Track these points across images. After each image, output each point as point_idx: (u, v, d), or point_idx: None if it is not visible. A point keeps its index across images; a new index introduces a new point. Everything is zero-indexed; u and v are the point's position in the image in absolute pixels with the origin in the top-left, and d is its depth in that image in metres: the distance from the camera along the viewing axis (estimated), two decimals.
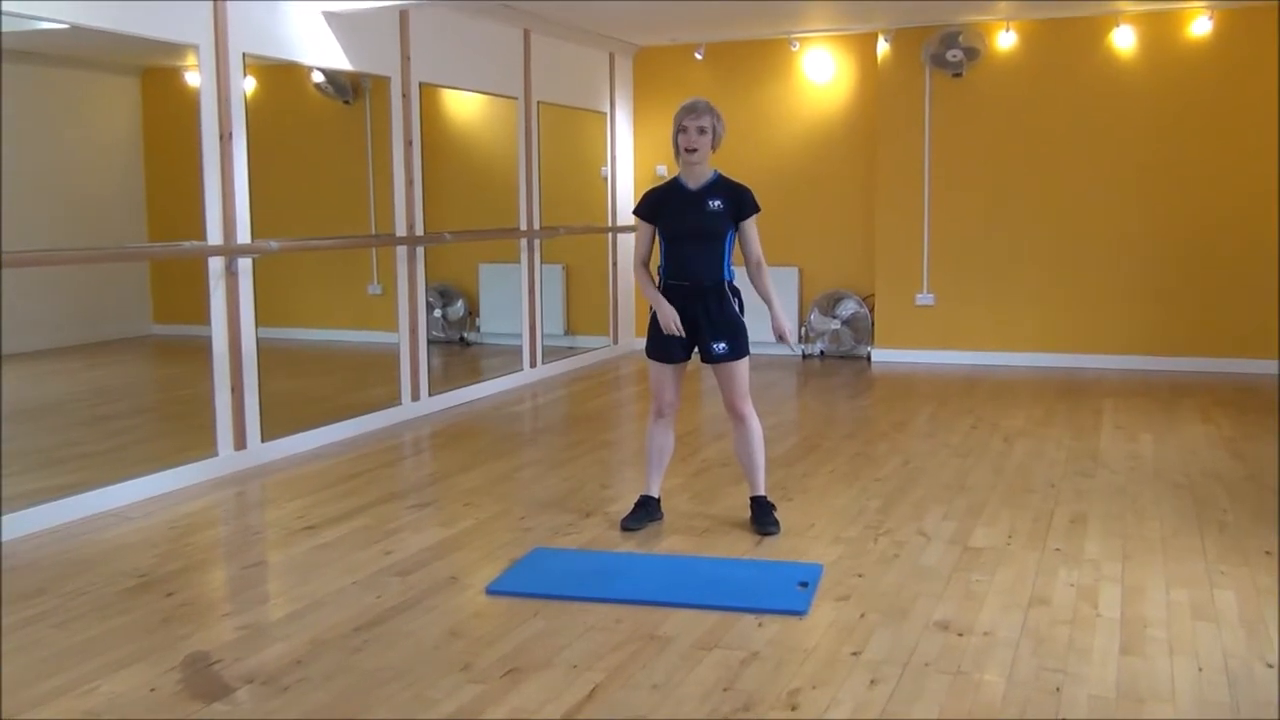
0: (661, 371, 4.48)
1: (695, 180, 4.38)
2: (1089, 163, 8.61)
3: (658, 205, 4.46)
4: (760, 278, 4.48)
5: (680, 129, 4.34)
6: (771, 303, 4.45)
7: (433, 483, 5.46)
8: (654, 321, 4.47)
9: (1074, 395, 7.58)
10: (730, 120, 4.58)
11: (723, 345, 4.38)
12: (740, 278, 4.51)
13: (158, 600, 3.83)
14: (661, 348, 4.45)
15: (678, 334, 4.36)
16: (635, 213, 4.51)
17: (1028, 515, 4.75)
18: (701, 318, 4.38)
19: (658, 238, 4.44)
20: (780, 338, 4.42)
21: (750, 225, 4.44)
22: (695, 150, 4.32)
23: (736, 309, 4.43)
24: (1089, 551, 4.26)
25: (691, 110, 4.33)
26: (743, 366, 4.43)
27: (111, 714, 3.02)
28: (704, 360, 4.45)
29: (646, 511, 4.60)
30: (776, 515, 4.55)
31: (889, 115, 9.03)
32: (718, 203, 4.37)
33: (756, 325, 4.64)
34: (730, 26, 8.82)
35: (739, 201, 4.40)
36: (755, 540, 4.42)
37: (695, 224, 4.35)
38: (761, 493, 4.57)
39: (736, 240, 4.45)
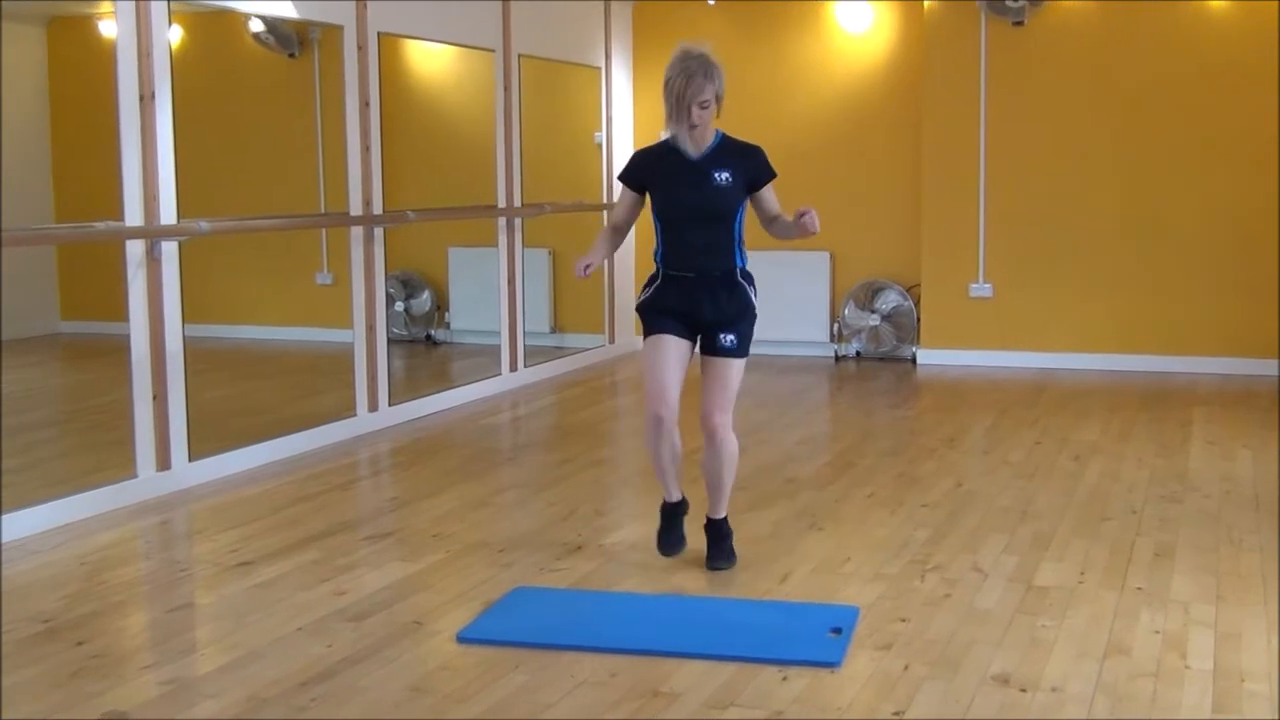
0: (659, 352, 4.34)
1: (696, 146, 4.32)
2: (1178, 128, 8.59)
3: (648, 173, 4.41)
4: (777, 223, 4.39)
5: (676, 101, 4.20)
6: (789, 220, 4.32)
7: (394, 509, 5.46)
8: (645, 307, 4.41)
9: (1158, 404, 7.58)
10: (749, 79, 4.53)
11: (731, 338, 4.36)
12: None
13: (66, 650, 3.82)
14: (660, 323, 4.36)
15: (581, 274, 4.27)
16: (620, 177, 4.48)
17: (1103, 547, 4.74)
18: (708, 306, 4.34)
19: (654, 218, 4.40)
20: (804, 215, 4.19)
21: (768, 191, 4.41)
22: (698, 126, 4.28)
23: (752, 297, 4.41)
24: (1176, 590, 4.25)
25: (688, 78, 4.17)
26: (739, 369, 4.42)
27: None
28: (704, 351, 4.42)
29: (680, 520, 4.58)
30: (733, 545, 4.55)
31: (937, 71, 9.03)
32: (725, 175, 4.31)
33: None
34: None
35: (753, 169, 4.37)
36: (779, 576, 4.41)
37: (698, 202, 4.31)
38: (723, 515, 4.55)
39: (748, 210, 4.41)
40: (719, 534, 4.55)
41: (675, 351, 4.38)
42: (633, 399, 8.22)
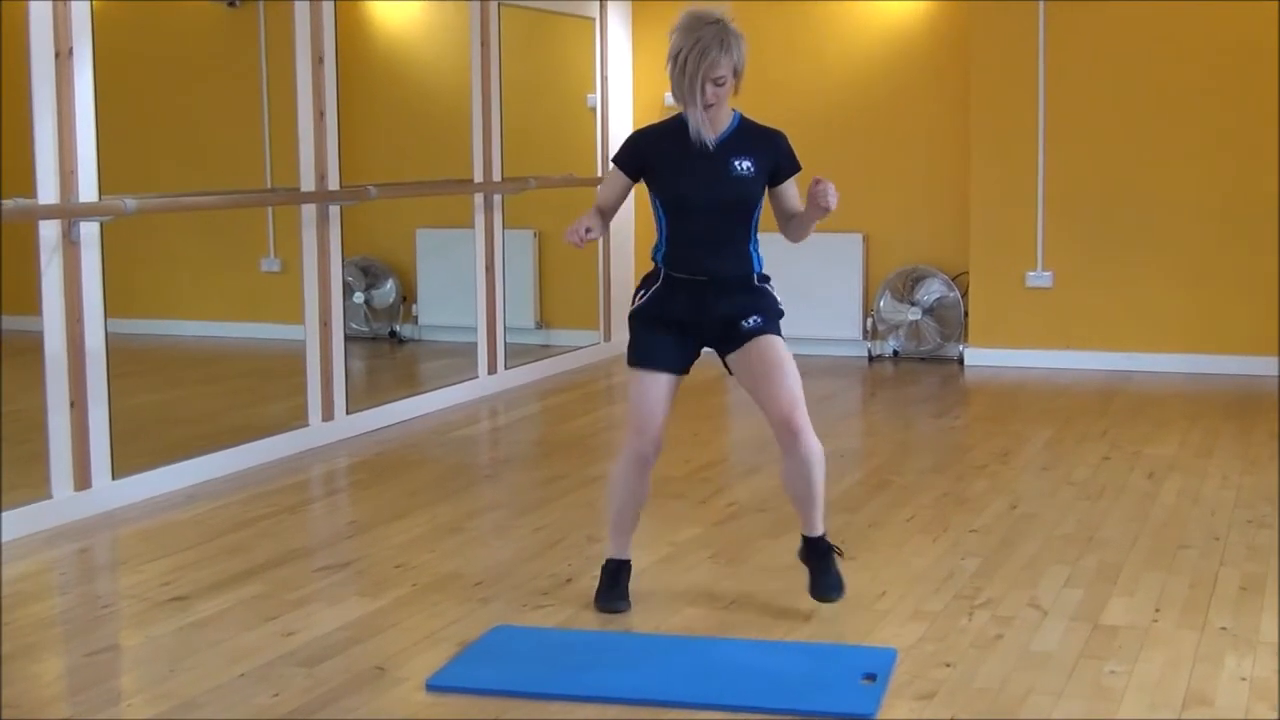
0: (649, 386, 4.34)
1: (712, 129, 4.28)
2: (1273, 95, 8.57)
3: (651, 158, 4.36)
4: (795, 221, 4.38)
5: (688, 80, 4.16)
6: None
7: (352, 535, 5.46)
8: (640, 314, 4.40)
9: (1246, 413, 7.58)
10: (767, 40, 4.46)
11: (755, 318, 4.32)
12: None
13: None
14: (652, 350, 4.35)
15: (576, 242, 4.20)
16: (615, 160, 4.44)
17: (1182, 581, 4.75)
18: (720, 306, 4.32)
19: (656, 210, 4.39)
20: (816, 186, 4.17)
21: (791, 186, 4.41)
22: (712, 106, 4.25)
23: (774, 296, 4.40)
24: (1266, 631, 4.26)
25: (701, 51, 4.13)
26: (786, 349, 4.33)
27: None
28: (728, 350, 4.36)
29: (626, 579, 4.57)
30: (840, 568, 4.49)
31: (989, 28, 9.02)
32: (747, 164, 4.29)
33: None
34: None
35: (775, 158, 4.34)
36: (803, 614, 4.42)
37: (716, 195, 4.28)
38: (820, 531, 4.49)
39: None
40: (821, 555, 4.47)
41: (667, 386, 4.36)
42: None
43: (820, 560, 4.48)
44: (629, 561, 4.59)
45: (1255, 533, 5.30)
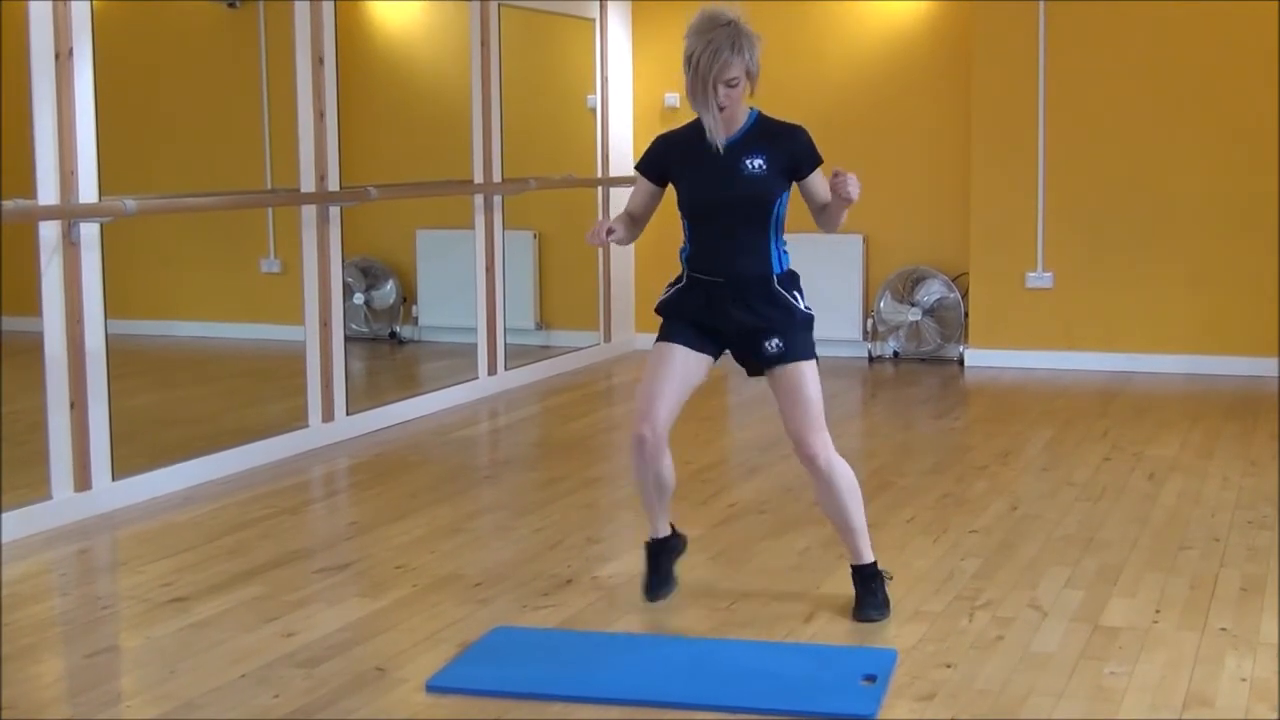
0: (662, 363, 4.35)
1: (725, 129, 4.30)
2: (1272, 92, 8.58)
3: (670, 162, 4.40)
4: (826, 212, 4.42)
5: (700, 80, 4.18)
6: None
7: (352, 536, 5.46)
8: (663, 308, 4.42)
9: (1248, 414, 7.58)
10: (768, 41, 4.43)
11: (776, 341, 4.32)
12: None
13: None
14: (672, 331, 4.35)
15: (597, 242, 4.26)
16: (637, 167, 4.48)
17: (1182, 582, 4.75)
18: (740, 314, 4.32)
19: (681, 213, 4.40)
20: (836, 178, 4.25)
21: (816, 179, 4.41)
22: (726, 108, 4.25)
23: (796, 303, 4.39)
24: (1267, 632, 4.26)
25: (714, 52, 4.14)
26: (811, 374, 4.36)
27: None
28: (752, 371, 4.40)
29: (668, 559, 4.56)
30: (888, 590, 4.47)
31: (989, 27, 9.03)
32: (759, 161, 4.30)
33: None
34: None
35: (793, 153, 4.35)
36: (803, 614, 4.42)
37: (726, 195, 4.29)
38: (867, 559, 4.46)
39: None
40: (864, 580, 4.45)
41: (681, 365, 4.36)
42: (631, 407, 8.21)
43: (864, 585, 4.46)
44: (669, 539, 4.56)
45: (1256, 534, 5.30)
